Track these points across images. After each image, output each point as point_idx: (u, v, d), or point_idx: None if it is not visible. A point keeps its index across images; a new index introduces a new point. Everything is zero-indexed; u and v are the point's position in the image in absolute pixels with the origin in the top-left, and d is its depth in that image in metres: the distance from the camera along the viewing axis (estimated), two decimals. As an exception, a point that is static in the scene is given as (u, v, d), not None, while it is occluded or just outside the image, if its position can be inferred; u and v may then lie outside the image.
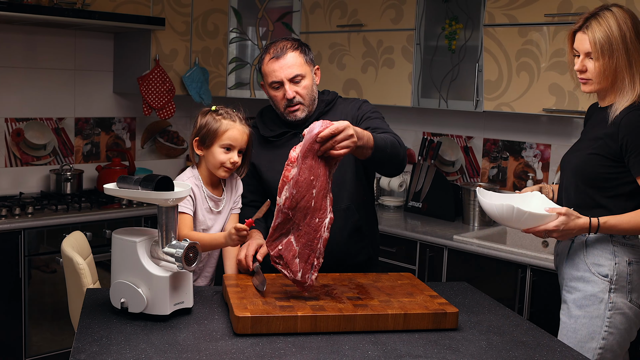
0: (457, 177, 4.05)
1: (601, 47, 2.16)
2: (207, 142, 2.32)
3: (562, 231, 2.18)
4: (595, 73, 2.20)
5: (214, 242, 2.27)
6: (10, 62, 3.82)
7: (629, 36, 2.15)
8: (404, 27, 3.78)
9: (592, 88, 2.23)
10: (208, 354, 1.74)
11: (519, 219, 2.18)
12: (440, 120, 4.11)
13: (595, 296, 2.22)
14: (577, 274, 2.28)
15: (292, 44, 2.46)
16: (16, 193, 3.86)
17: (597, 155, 2.22)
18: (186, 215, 2.31)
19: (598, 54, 2.17)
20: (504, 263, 3.14)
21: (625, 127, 2.15)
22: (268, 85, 2.47)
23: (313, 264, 2.03)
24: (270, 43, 2.50)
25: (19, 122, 3.88)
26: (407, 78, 3.78)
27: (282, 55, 2.42)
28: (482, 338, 1.94)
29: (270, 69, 2.44)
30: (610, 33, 2.15)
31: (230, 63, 4.35)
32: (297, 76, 2.43)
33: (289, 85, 2.42)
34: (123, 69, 4.17)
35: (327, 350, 1.80)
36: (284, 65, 2.42)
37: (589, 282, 2.24)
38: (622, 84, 2.18)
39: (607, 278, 2.22)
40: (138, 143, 4.40)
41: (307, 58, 2.47)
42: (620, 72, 2.17)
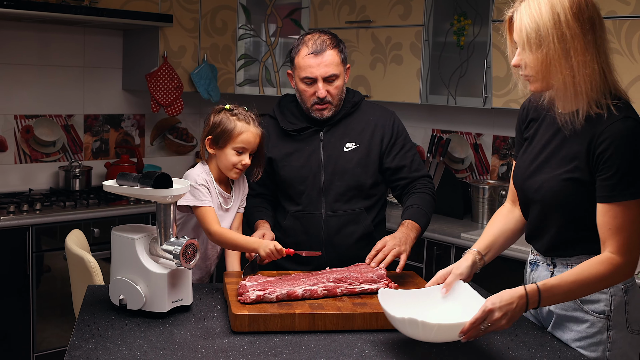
0: (466, 175, 4.02)
1: (527, 35, 1.71)
2: (220, 142, 2.31)
3: (496, 320, 1.66)
4: (536, 68, 1.73)
5: (247, 245, 2.24)
6: (19, 59, 3.84)
7: (564, 19, 1.68)
8: (413, 23, 3.75)
9: (538, 86, 1.76)
10: (204, 352, 1.73)
11: (428, 334, 1.67)
12: (449, 117, 4.08)
13: (592, 338, 1.85)
14: (566, 313, 1.90)
15: (332, 40, 2.39)
16: (25, 189, 3.88)
17: (575, 182, 1.78)
18: (210, 207, 2.28)
19: (529, 44, 1.71)
20: (511, 261, 3.11)
21: (606, 141, 1.71)
22: (299, 78, 2.41)
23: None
24: (307, 34, 2.42)
25: (29, 119, 3.90)
26: (416, 74, 3.75)
27: (321, 52, 2.35)
28: (482, 338, 1.91)
29: (306, 64, 2.37)
30: (539, 16, 1.69)
31: (239, 60, 4.35)
32: (332, 76, 2.37)
33: (322, 84, 2.37)
34: (132, 65, 4.18)
35: (325, 349, 1.79)
36: (321, 63, 2.35)
37: (583, 322, 1.87)
38: (556, 80, 1.72)
39: (604, 315, 1.84)
40: (147, 140, 4.41)
41: (342, 57, 2.41)
42: (553, 65, 1.70)
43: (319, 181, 2.44)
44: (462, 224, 3.64)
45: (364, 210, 2.47)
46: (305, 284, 2.03)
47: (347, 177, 2.44)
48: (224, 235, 2.25)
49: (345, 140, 2.46)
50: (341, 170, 2.44)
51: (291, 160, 2.47)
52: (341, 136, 2.46)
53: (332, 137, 2.46)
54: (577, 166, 1.78)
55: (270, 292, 1.96)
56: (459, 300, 1.87)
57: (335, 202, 2.45)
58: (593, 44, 1.71)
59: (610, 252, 1.74)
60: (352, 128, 2.47)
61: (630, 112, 1.73)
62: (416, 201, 2.43)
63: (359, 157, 2.44)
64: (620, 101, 1.75)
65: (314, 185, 2.45)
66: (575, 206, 1.81)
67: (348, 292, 2.06)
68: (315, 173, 2.44)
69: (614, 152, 1.70)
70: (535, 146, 1.92)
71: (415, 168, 2.49)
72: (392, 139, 2.48)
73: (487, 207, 3.65)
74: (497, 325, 1.68)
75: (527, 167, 1.92)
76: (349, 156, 2.44)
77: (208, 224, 2.26)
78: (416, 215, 2.39)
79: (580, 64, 1.69)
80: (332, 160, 2.44)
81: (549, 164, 1.85)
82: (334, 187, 2.44)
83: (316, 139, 2.46)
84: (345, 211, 2.45)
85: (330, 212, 2.45)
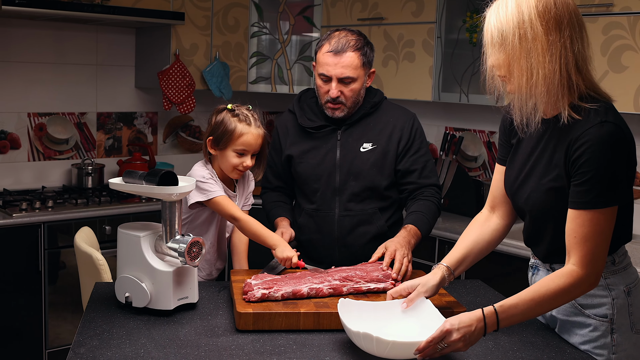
0: (479, 173, 3.99)
1: (491, 35, 1.68)
2: (220, 144, 2.30)
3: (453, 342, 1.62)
4: (504, 68, 1.68)
5: (268, 239, 2.25)
6: (32, 57, 3.86)
7: (528, 18, 1.64)
8: (425, 20, 3.72)
9: (512, 87, 1.71)
10: (207, 350, 1.73)
11: (382, 350, 1.63)
12: (462, 115, 4.05)
13: (596, 341, 1.81)
14: (568, 318, 1.87)
15: (356, 42, 2.34)
16: (39, 187, 3.90)
17: (558, 191, 1.74)
18: (224, 196, 2.29)
19: (493, 43, 1.68)
20: (523, 261, 3.07)
21: (582, 147, 1.65)
22: (317, 73, 2.39)
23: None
24: (335, 30, 2.39)
25: (42, 117, 3.92)
26: (428, 72, 3.73)
27: (341, 52, 2.31)
28: (489, 338, 1.89)
29: (324, 61, 2.34)
30: (504, 15, 1.65)
31: (251, 57, 4.34)
32: (348, 78, 2.33)
33: (335, 83, 2.34)
34: (144, 63, 4.19)
35: (329, 348, 1.77)
36: (338, 63, 2.32)
37: (586, 326, 1.83)
38: (515, 82, 1.67)
39: (607, 318, 1.80)
40: (160, 137, 4.42)
41: (365, 60, 2.36)
42: (513, 66, 1.66)
43: (334, 180, 2.43)
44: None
45: (378, 210, 2.45)
46: (311, 282, 2.02)
47: (361, 177, 2.41)
48: (249, 222, 2.27)
49: (363, 140, 2.43)
50: (356, 170, 2.41)
51: (308, 158, 2.45)
52: (359, 136, 2.44)
53: (350, 137, 2.44)
54: (558, 174, 1.73)
55: (275, 290, 1.95)
56: (418, 318, 1.84)
57: (348, 202, 2.43)
58: (558, 44, 1.64)
59: (573, 264, 1.69)
60: (370, 128, 2.44)
61: (609, 116, 1.66)
62: (420, 208, 2.40)
63: (375, 158, 2.41)
64: (598, 104, 1.68)
65: (328, 184, 2.43)
66: (564, 214, 1.73)
67: (354, 291, 2.05)
68: (330, 172, 2.43)
69: (588, 159, 1.65)
70: (521, 154, 1.87)
71: (425, 175, 2.45)
72: (409, 141, 2.44)
73: (500, 205, 3.62)
74: (454, 347, 1.64)
75: (516, 177, 1.87)
76: (365, 157, 2.42)
77: (230, 210, 2.26)
78: (418, 222, 2.36)
79: (538, 64, 1.63)
80: (348, 160, 2.42)
81: (534, 172, 1.81)
82: (348, 187, 2.42)
83: (333, 137, 2.44)
84: (359, 211, 2.43)
85: (344, 212, 2.43)
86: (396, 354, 1.65)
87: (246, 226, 2.27)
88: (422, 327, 1.80)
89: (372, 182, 2.42)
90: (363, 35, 2.40)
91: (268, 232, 2.26)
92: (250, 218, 2.28)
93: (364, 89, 2.42)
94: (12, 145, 3.83)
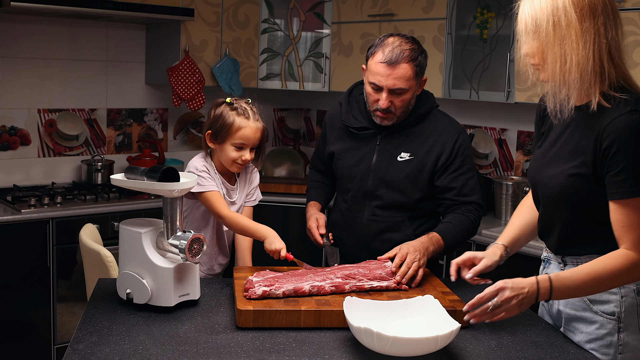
0: (490, 171, 3.95)
1: (526, 23, 1.70)
2: (219, 137, 2.30)
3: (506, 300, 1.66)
4: (538, 56, 1.70)
5: (256, 232, 2.24)
6: (42, 53, 3.87)
7: (562, 5, 1.65)
8: (435, 16, 3.69)
9: (545, 75, 1.72)
10: (206, 347, 1.72)
11: (383, 346, 1.61)
12: (473, 112, 4.01)
13: (603, 340, 1.80)
14: (576, 313, 1.85)
15: (410, 52, 2.25)
16: (48, 183, 3.91)
17: (580, 177, 1.74)
18: (215, 191, 2.28)
19: (527, 31, 1.71)
20: (531, 259, 3.04)
21: (611, 136, 1.66)
22: (368, 80, 2.31)
23: None
24: (390, 35, 2.30)
25: (52, 113, 3.94)
26: (438, 68, 3.69)
27: (395, 63, 2.22)
28: (492, 337, 1.87)
29: (376, 70, 2.26)
30: (538, 3, 1.68)
31: (261, 54, 4.33)
32: (400, 89, 2.26)
33: (386, 94, 2.26)
34: (155, 60, 4.19)
35: (329, 346, 1.76)
36: (391, 74, 2.23)
37: (593, 322, 1.82)
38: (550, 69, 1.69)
39: (614, 317, 1.78)
40: (170, 134, 4.42)
41: (418, 71, 2.28)
42: (547, 53, 1.68)
43: (366, 184, 2.39)
44: (484, 221, 3.56)
45: (407, 219, 2.38)
46: (313, 279, 2.01)
47: (393, 187, 2.36)
48: (235, 219, 2.26)
49: (401, 149, 2.36)
50: (389, 179, 2.36)
51: (346, 156, 2.43)
52: (398, 144, 2.37)
53: (389, 144, 2.38)
54: (583, 161, 1.73)
55: (276, 287, 1.94)
56: (425, 315, 1.82)
57: (377, 207, 2.39)
58: (591, 31, 1.65)
59: (626, 248, 1.69)
60: (411, 139, 2.37)
61: (639, 105, 1.67)
62: (452, 220, 2.33)
63: (410, 169, 2.34)
64: (628, 94, 1.69)
65: (360, 186, 2.40)
66: (580, 201, 1.76)
67: (357, 289, 2.03)
68: (364, 175, 2.39)
69: (619, 148, 1.65)
70: (548, 141, 1.88)
71: (465, 193, 2.34)
72: (450, 159, 2.34)
73: (510, 203, 3.58)
74: (507, 306, 1.65)
75: (539, 162, 1.88)
76: (401, 167, 2.35)
77: (217, 208, 2.25)
78: (445, 232, 2.29)
79: (572, 51, 1.65)
80: (383, 167, 2.36)
81: (558, 158, 1.81)
82: (379, 193, 2.37)
83: (373, 141, 2.39)
84: (387, 217, 2.38)
85: (372, 216, 2.39)
86: (398, 351, 1.63)
87: (232, 223, 2.26)
88: (428, 325, 1.79)
89: (404, 193, 2.36)
90: (417, 42, 2.32)
91: (256, 226, 2.25)
92: (236, 214, 2.27)
93: (414, 98, 2.35)
94: (22, 142, 3.84)
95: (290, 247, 2.24)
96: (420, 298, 1.88)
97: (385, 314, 1.83)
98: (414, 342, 1.62)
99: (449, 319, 1.74)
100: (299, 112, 5.02)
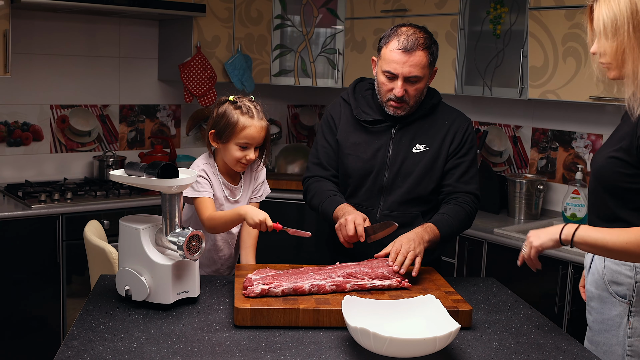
0: (504, 168, 3.89)
1: (604, 24, 1.75)
2: (222, 137, 2.27)
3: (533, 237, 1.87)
4: (612, 56, 1.76)
5: (234, 215, 2.16)
6: (55, 50, 3.88)
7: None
8: (448, 11, 3.64)
9: (615, 74, 1.79)
10: (201, 345, 1.70)
11: (380, 347, 1.59)
12: (488, 109, 3.96)
13: (613, 320, 1.90)
14: (595, 292, 1.96)
15: (425, 40, 2.27)
16: (60, 179, 3.92)
17: (617, 160, 1.83)
18: (207, 198, 2.26)
19: (606, 32, 1.75)
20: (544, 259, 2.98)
21: None
22: (381, 69, 2.29)
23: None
24: (402, 25, 2.30)
25: (64, 109, 3.94)
26: (451, 64, 3.64)
27: (411, 50, 2.22)
28: (495, 339, 1.82)
29: (392, 58, 2.24)
30: (616, 6, 1.72)
31: (274, 50, 4.30)
32: (415, 77, 2.25)
33: (402, 82, 2.25)
34: (168, 56, 4.18)
35: (326, 346, 1.73)
36: (407, 62, 2.22)
37: (606, 303, 1.92)
38: (627, 68, 1.73)
39: (626, 300, 1.87)
40: (183, 130, 4.42)
41: (431, 59, 2.28)
42: (626, 54, 1.73)
43: (382, 179, 2.36)
44: (497, 219, 3.52)
45: (420, 214, 2.37)
46: (313, 278, 1.97)
47: (411, 179, 2.34)
48: (213, 218, 2.20)
49: (416, 141, 2.36)
50: (406, 171, 2.34)
51: (358, 151, 2.39)
52: (413, 136, 2.36)
53: (404, 136, 2.36)
54: (622, 147, 1.82)
55: (275, 286, 1.91)
56: (425, 315, 1.79)
57: (393, 202, 2.36)
58: None
59: None
60: (425, 130, 2.37)
61: None
62: (448, 211, 2.32)
63: (426, 160, 2.34)
64: None
65: (375, 181, 2.37)
66: (614, 183, 1.84)
67: (358, 288, 2.00)
68: (380, 170, 2.36)
69: None
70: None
71: (465, 180, 2.36)
72: (460, 145, 2.37)
73: (524, 202, 3.53)
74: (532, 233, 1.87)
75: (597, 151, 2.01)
76: (417, 158, 2.34)
77: (201, 213, 2.23)
78: (441, 223, 2.28)
79: None
80: (399, 159, 2.35)
81: (607, 143, 1.93)
82: (395, 187, 2.35)
83: (387, 134, 2.37)
84: (402, 213, 2.36)
85: (387, 212, 2.36)
86: (395, 351, 1.59)
87: (212, 224, 2.20)
88: (428, 325, 1.75)
89: (420, 185, 2.34)
90: (429, 32, 2.32)
91: (231, 210, 2.19)
92: (214, 215, 2.21)
93: (426, 88, 2.34)
94: (34, 137, 3.86)
95: (305, 245, 2.20)
96: (421, 298, 1.84)
97: (384, 313, 1.80)
98: (412, 343, 1.59)
99: (449, 320, 1.70)
100: (313, 109, 4.99)
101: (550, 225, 3.41)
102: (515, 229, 3.26)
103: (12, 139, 3.79)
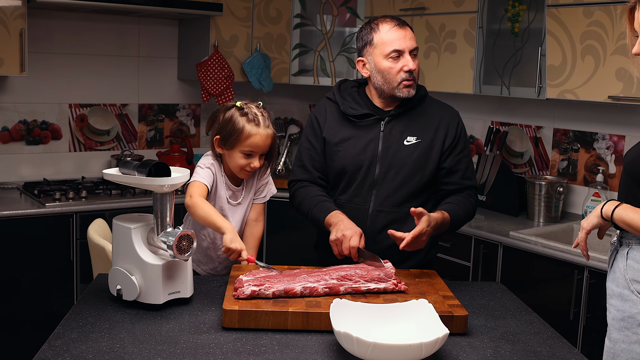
0: (525, 170, 3.80)
1: None
2: (227, 144, 2.24)
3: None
4: None
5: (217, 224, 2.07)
6: (74, 49, 3.91)
7: None
8: (467, 9, 3.56)
9: None
10: (184, 347, 1.67)
11: (364, 352, 1.54)
12: (508, 109, 3.87)
13: (633, 318, 1.88)
14: (616, 289, 1.95)
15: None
16: (79, 177, 3.95)
17: None
18: (202, 184, 2.20)
19: None
20: (559, 263, 2.90)
21: None
22: (383, 55, 2.29)
23: None
24: (374, 18, 2.36)
25: (83, 108, 3.97)
26: (469, 63, 3.57)
27: (404, 24, 2.31)
28: (490, 345, 1.76)
29: (392, 37, 2.28)
30: None
31: (293, 49, 4.28)
32: (415, 49, 2.31)
33: (409, 55, 2.29)
34: (187, 55, 4.18)
35: (313, 350, 1.69)
36: (406, 35, 2.29)
37: (627, 300, 1.91)
38: None
39: None
40: (203, 129, 4.41)
41: None
42: None
43: (373, 173, 2.33)
44: (515, 222, 3.43)
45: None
46: (306, 280, 1.93)
47: (403, 171, 2.31)
48: (199, 206, 2.10)
49: (407, 133, 2.33)
50: (399, 163, 2.31)
51: (347, 146, 2.35)
52: (403, 129, 2.34)
53: (394, 129, 2.34)
54: None
55: (266, 287, 1.88)
56: (416, 320, 1.74)
57: (386, 197, 2.32)
58: None
59: None
60: (415, 122, 2.35)
61: None
62: (458, 202, 2.33)
63: (419, 152, 2.32)
64: None
65: (367, 176, 2.33)
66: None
67: (352, 291, 1.95)
68: (371, 163, 2.32)
69: None
70: None
71: (468, 176, 2.38)
72: (455, 139, 2.36)
73: (544, 204, 3.43)
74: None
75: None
76: (409, 150, 2.32)
77: (190, 191, 2.16)
78: (452, 213, 2.28)
79: None
80: (391, 152, 2.32)
81: None
82: (387, 180, 2.32)
83: (377, 128, 2.34)
84: (394, 208, 2.33)
85: (379, 207, 2.33)
86: (379, 357, 1.54)
87: (197, 211, 2.11)
88: (418, 330, 1.70)
89: (413, 177, 2.31)
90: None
91: (220, 217, 2.10)
92: (203, 202, 2.13)
93: None
94: (53, 136, 3.89)
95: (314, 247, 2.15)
96: (413, 302, 1.79)
97: (374, 317, 1.75)
98: (396, 349, 1.54)
99: (440, 325, 1.65)
100: (335, 109, 4.94)
101: (570, 228, 3.32)
102: (533, 232, 3.17)
103: (31, 137, 3.83)
